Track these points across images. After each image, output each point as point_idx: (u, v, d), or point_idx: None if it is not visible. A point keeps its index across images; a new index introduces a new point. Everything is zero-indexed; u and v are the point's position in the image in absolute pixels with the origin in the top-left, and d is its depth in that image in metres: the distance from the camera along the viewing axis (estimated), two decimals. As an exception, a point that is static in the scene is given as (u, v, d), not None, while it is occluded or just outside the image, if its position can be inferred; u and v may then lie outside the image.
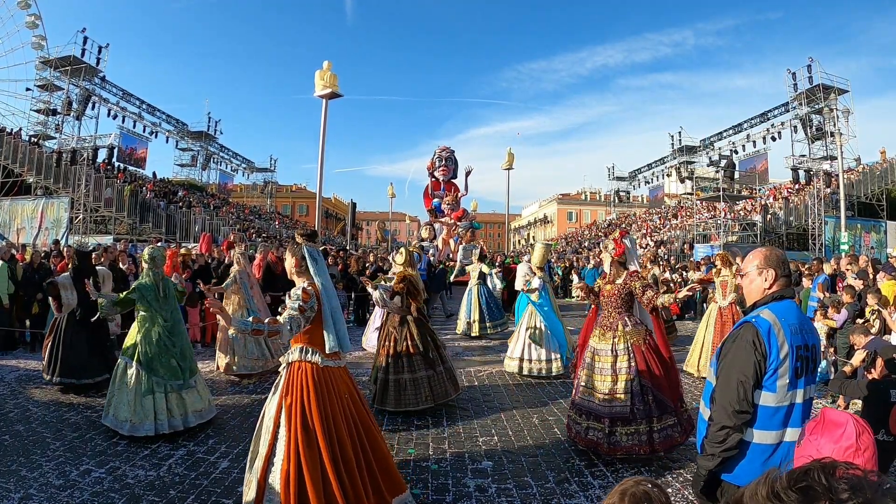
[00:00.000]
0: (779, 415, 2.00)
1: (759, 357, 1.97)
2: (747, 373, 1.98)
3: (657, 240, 27.73)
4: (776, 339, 1.99)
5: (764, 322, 2.02)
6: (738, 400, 1.97)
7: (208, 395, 4.99)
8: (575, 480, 3.77)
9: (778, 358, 1.98)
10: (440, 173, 24.95)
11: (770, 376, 1.99)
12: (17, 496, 3.39)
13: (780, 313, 2.05)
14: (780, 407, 2.00)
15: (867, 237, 22.04)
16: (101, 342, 6.22)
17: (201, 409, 4.77)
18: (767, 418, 2.01)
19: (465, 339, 9.77)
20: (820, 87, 24.68)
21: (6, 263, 8.10)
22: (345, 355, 3.19)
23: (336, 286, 11.51)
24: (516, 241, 64.15)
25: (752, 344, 1.99)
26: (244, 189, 45.78)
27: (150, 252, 4.99)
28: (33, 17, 26.03)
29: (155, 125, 33.00)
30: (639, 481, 1.35)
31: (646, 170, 42.58)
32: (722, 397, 2.03)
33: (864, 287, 6.96)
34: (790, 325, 2.02)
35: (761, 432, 2.01)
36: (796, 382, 2.01)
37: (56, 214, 20.65)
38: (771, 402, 2.00)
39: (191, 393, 4.72)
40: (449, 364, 5.56)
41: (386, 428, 4.80)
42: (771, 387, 1.99)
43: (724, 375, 2.06)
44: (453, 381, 5.50)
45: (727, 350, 2.09)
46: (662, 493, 1.32)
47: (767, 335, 1.99)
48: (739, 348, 2.03)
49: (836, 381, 4.32)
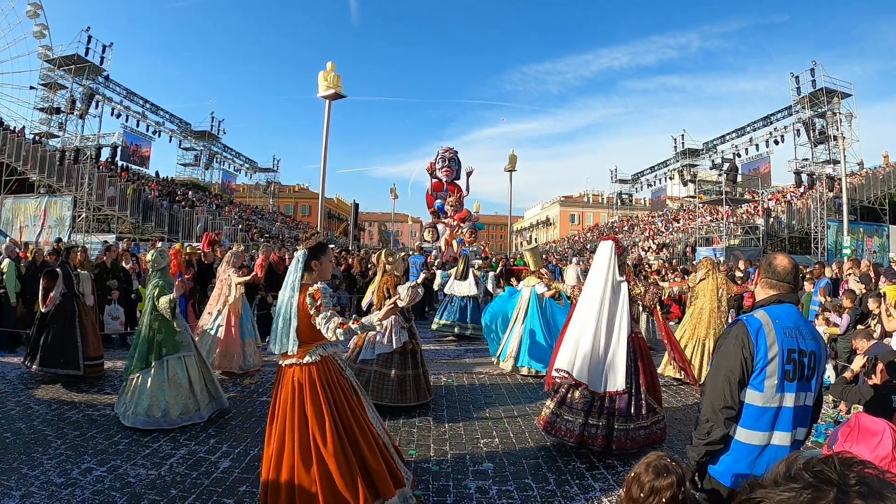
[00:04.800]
0: (766, 416, 2.02)
1: (746, 355, 2.01)
2: (734, 369, 2.02)
3: (659, 242, 27.69)
4: (765, 338, 2.01)
5: (755, 321, 2.06)
6: (724, 395, 2.02)
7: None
8: (576, 483, 3.76)
9: (766, 357, 1.99)
10: (443, 174, 24.89)
11: (757, 375, 2.01)
12: (19, 494, 3.40)
13: (776, 315, 2.07)
14: (768, 408, 2.02)
15: (869, 241, 21.98)
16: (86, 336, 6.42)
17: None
18: (754, 418, 2.03)
19: (464, 340, 9.77)
20: (823, 91, 24.63)
21: (13, 262, 8.13)
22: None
23: (339, 287, 11.55)
24: (518, 243, 64.15)
25: (740, 341, 2.03)
26: (247, 189, 45.88)
27: (153, 256, 5.18)
28: (34, 7, 26.08)
29: (158, 124, 33.13)
30: (660, 456, 1.70)
31: (648, 172, 42.57)
32: (709, 392, 2.09)
33: (866, 291, 6.94)
34: (784, 328, 2.04)
35: (748, 431, 2.04)
36: (785, 385, 2.01)
37: (59, 213, 20.70)
38: (758, 401, 2.02)
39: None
40: (421, 370, 5.51)
41: (387, 428, 4.81)
42: (758, 386, 2.01)
43: (713, 370, 2.12)
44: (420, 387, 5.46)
45: (718, 345, 2.16)
46: (679, 466, 1.65)
47: (756, 334, 2.02)
48: (728, 345, 2.08)
49: (837, 387, 4.33)
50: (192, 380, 4.88)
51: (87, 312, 6.49)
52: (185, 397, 4.79)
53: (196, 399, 4.85)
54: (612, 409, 4.12)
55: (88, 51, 25.15)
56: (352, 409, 2.99)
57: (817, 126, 25.66)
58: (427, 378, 5.59)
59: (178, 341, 4.97)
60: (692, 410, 5.46)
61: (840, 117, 24.75)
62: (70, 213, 20.56)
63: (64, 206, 20.78)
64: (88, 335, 6.32)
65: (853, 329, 6.34)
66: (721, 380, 2.04)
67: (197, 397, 4.86)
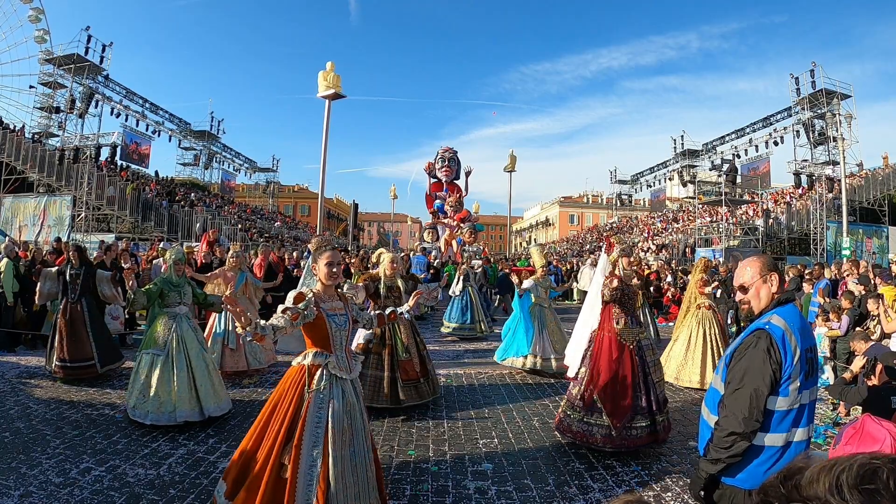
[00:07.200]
0: (789, 417, 2.02)
1: (774, 366, 1.96)
2: (763, 382, 1.96)
3: (659, 243, 27.70)
4: (790, 344, 1.99)
5: (777, 329, 2.01)
6: (750, 409, 1.95)
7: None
8: (574, 483, 3.77)
9: (791, 364, 1.98)
10: (443, 174, 24.91)
11: (784, 382, 1.99)
12: (17, 493, 3.40)
13: (788, 318, 2.05)
14: (791, 410, 2.01)
15: (869, 242, 22.00)
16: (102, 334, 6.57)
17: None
18: (778, 422, 2.01)
19: (465, 341, 9.77)
20: (823, 92, 24.63)
21: (11, 261, 8.12)
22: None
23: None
24: (518, 243, 64.16)
25: (766, 352, 1.97)
26: (246, 189, 45.85)
27: (172, 255, 5.28)
28: (36, 12, 26.12)
29: (158, 124, 33.05)
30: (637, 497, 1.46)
31: (648, 173, 42.55)
32: (733, 404, 2.00)
33: (865, 292, 6.95)
34: (798, 329, 2.03)
35: (773, 435, 2.01)
36: (804, 384, 2.02)
37: (58, 212, 20.69)
38: (784, 406, 2.00)
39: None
40: (394, 374, 5.42)
41: (387, 428, 4.81)
42: (784, 391, 1.99)
43: (737, 383, 2.02)
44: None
45: (740, 356, 2.06)
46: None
47: (782, 342, 1.98)
48: (755, 357, 2.00)
49: (836, 387, 4.33)
50: (156, 380, 4.75)
51: (77, 313, 6.41)
52: (137, 392, 4.78)
53: (151, 399, 4.71)
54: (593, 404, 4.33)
55: (88, 50, 25.10)
56: (291, 422, 2.82)
57: (817, 127, 25.65)
58: (397, 383, 5.30)
59: (153, 338, 4.94)
60: (691, 411, 5.46)
61: (839, 118, 24.75)
62: (69, 212, 20.56)
63: (63, 206, 20.77)
64: (68, 336, 6.25)
65: (852, 330, 6.34)
66: (748, 395, 1.97)
67: (160, 398, 4.71)
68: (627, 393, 4.26)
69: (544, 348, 6.99)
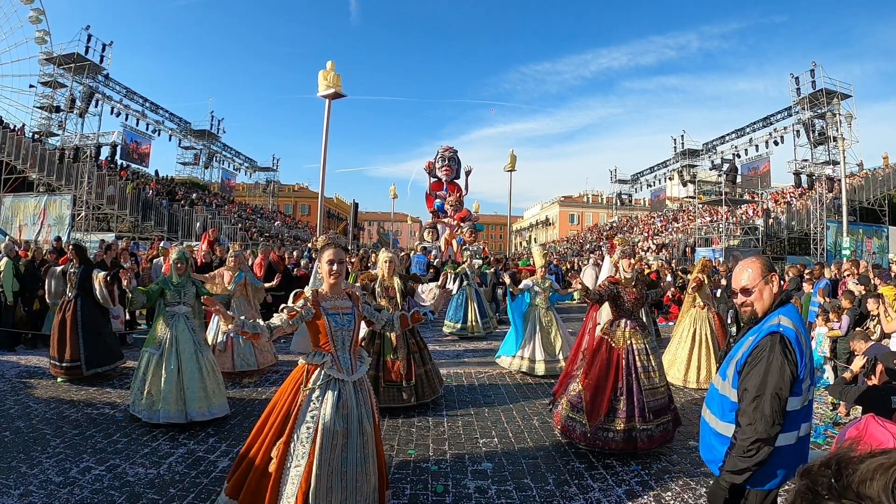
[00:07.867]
0: (801, 414, 2.04)
1: (792, 367, 1.96)
2: (784, 385, 1.95)
3: (659, 243, 27.70)
4: (801, 345, 2.01)
5: (789, 330, 2.01)
6: (773, 414, 1.94)
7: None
8: (574, 483, 3.77)
9: (804, 364, 1.99)
10: (443, 173, 24.86)
11: (798, 382, 2.00)
12: (17, 493, 3.40)
13: (793, 317, 2.07)
14: (803, 407, 2.05)
15: (869, 242, 21.99)
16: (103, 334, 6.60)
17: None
18: (792, 420, 2.02)
19: (465, 341, 9.77)
20: (823, 92, 24.63)
21: (11, 261, 8.11)
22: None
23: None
24: (518, 242, 64.16)
25: (784, 355, 1.97)
26: (246, 188, 45.84)
27: (174, 254, 5.28)
28: (36, 13, 26.12)
29: (158, 123, 33.03)
30: None
31: (648, 173, 42.54)
32: (755, 412, 1.97)
33: (865, 292, 6.95)
34: (802, 327, 2.07)
35: (785, 434, 2.02)
36: (812, 380, 2.06)
37: (58, 211, 20.69)
38: (797, 405, 2.02)
39: None
40: (377, 373, 5.39)
41: (387, 428, 4.81)
42: (798, 391, 2.01)
43: (757, 390, 1.98)
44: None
45: (756, 362, 2.03)
46: None
47: (796, 342, 1.99)
48: (773, 361, 1.98)
49: (836, 387, 4.33)
50: (150, 377, 4.81)
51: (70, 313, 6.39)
52: (136, 389, 4.90)
53: (146, 396, 4.76)
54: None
55: (88, 49, 25.10)
56: (283, 418, 2.83)
57: (817, 127, 25.64)
58: (379, 383, 5.25)
59: (153, 337, 5.02)
60: (691, 411, 5.46)
61: (840, 118, 24.75)
62: (69, 211, 20.56)
63: (63, 205, 20.77)
64: (58, 335, 6.25)
65: (852, 330, 6.34)
66: (769, 400, 1.95)
67: (153, 396, 4.75)
68: (605, 395, 4.24)
69: (532, 350, 6.92)
